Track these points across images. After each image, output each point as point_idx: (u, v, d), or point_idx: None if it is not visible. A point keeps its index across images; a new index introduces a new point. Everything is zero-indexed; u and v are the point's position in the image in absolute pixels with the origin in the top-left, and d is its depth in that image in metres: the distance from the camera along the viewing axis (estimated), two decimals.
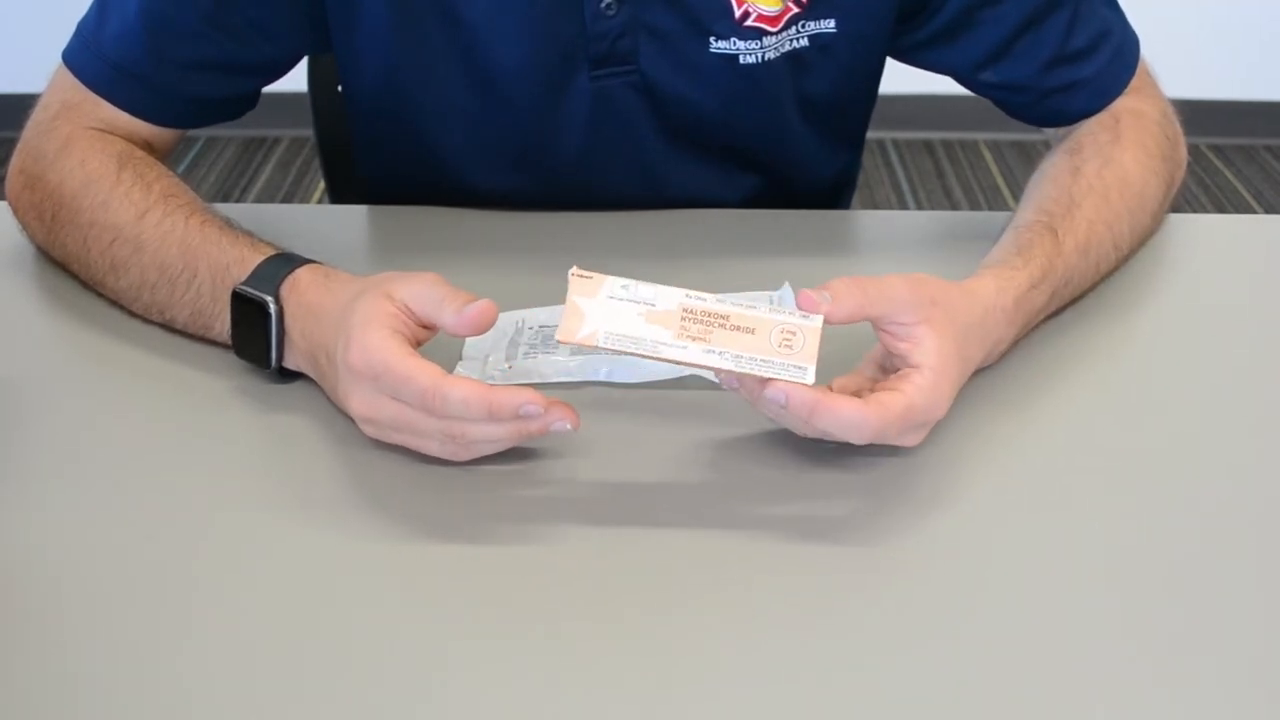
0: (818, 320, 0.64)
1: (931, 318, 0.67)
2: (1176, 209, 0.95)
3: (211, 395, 0.75)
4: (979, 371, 0.75)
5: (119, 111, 0.88)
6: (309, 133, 1.25)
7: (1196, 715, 0.55)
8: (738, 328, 0.64)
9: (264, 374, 0.75)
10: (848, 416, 0.64)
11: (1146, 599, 0.61)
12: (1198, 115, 1.01)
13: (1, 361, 0.79)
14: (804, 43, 0.91)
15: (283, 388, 0.75)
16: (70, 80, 0.89)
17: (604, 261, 0.90)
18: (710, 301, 0.64)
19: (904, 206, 2.74)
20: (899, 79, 1.11)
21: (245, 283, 0.74)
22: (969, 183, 2.84)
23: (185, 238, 0.79)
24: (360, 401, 0.67)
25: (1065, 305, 0.83)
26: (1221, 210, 2.67)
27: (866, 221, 1.03)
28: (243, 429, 0.73)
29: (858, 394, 0.68)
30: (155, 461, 0.70)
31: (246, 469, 0.70)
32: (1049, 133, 0.99)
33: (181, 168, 2.82)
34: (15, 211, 0.89)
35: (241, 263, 0.76)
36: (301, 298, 0.73)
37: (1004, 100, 0.97)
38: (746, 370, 0.63)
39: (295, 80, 1.19)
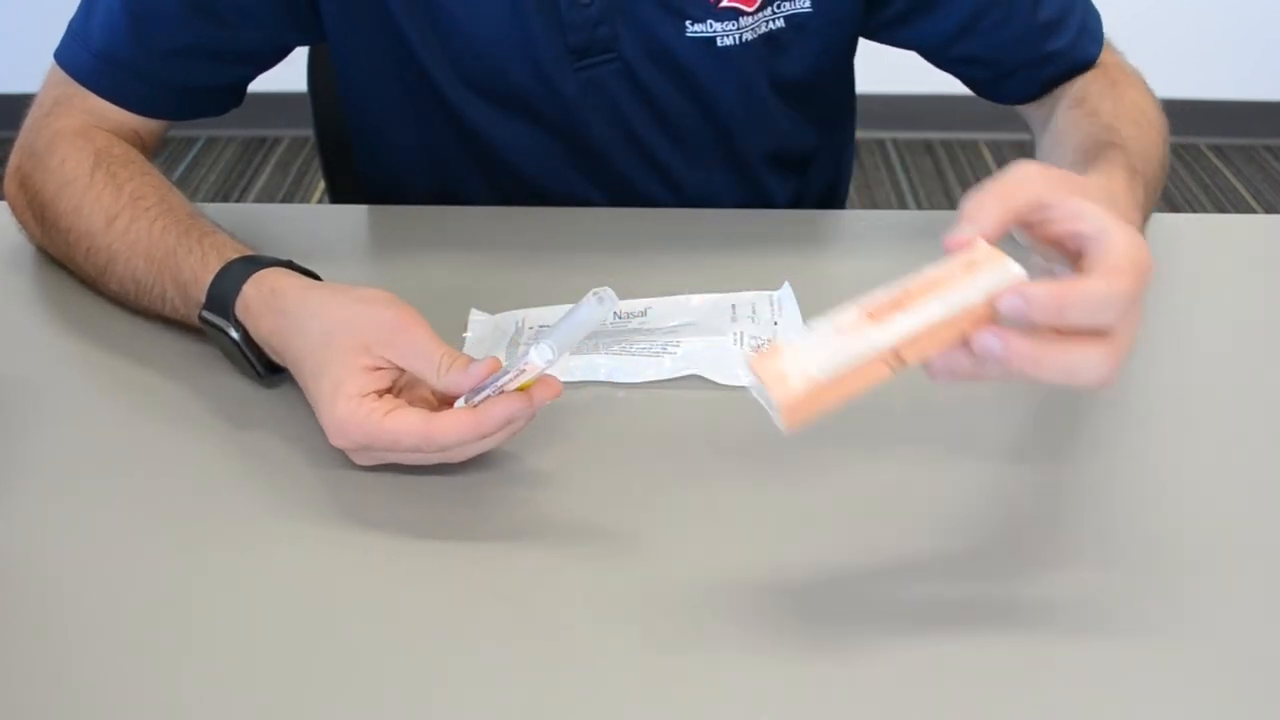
0: (981, 244, 0.55)
1: (1074, 186, 0.60)
2: (1176, 209, 0.95)
3: (212, 394, 0.75)
4: None
5: (105, 103, 0.88)
6: (309, 133, 1.25)
7: (1198, 710, 0.56)
8: (925, 289, 0.55)
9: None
10: (1097, 292, 0.53)
11: (1149, 604, 0.61)
12: (1198, 115, 1.01)
13: (1, 361, 0.79)
14: (780, 23, 0.92)
15: (284, 387, 0.75)
16: (61, 76, 0.89)
17: (604, 259, 0.90)
18: (885, 294, 0.56)
19: (904, 206, 2.74)
20: (899, 79, 1.11)
21: (205, 308, 0.73)
22: (969, 183, 2.84)
23: (149, 249, 0.78)
24: (358, 456, 0.67)
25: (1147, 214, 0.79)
26: (1221, 210, 2.67)
27: (866, 221, 1.03)
28: (245, 427, 0.72)
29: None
30: (156, 461, 0.70)
31: (248, 468, 0.70)
32: (1026, 111, 0.98)
33: (181, 167, 2.83)
34: (14, 211, 0.89)
35: (196, 283, 0.75)
36: (257, 323, 0.71)
37: (975, 76, 0.97)
38: (958, 307, 0.54)
39: (295, 80, 1.20)
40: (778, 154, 1.02)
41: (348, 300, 0.69)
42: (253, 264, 0.73)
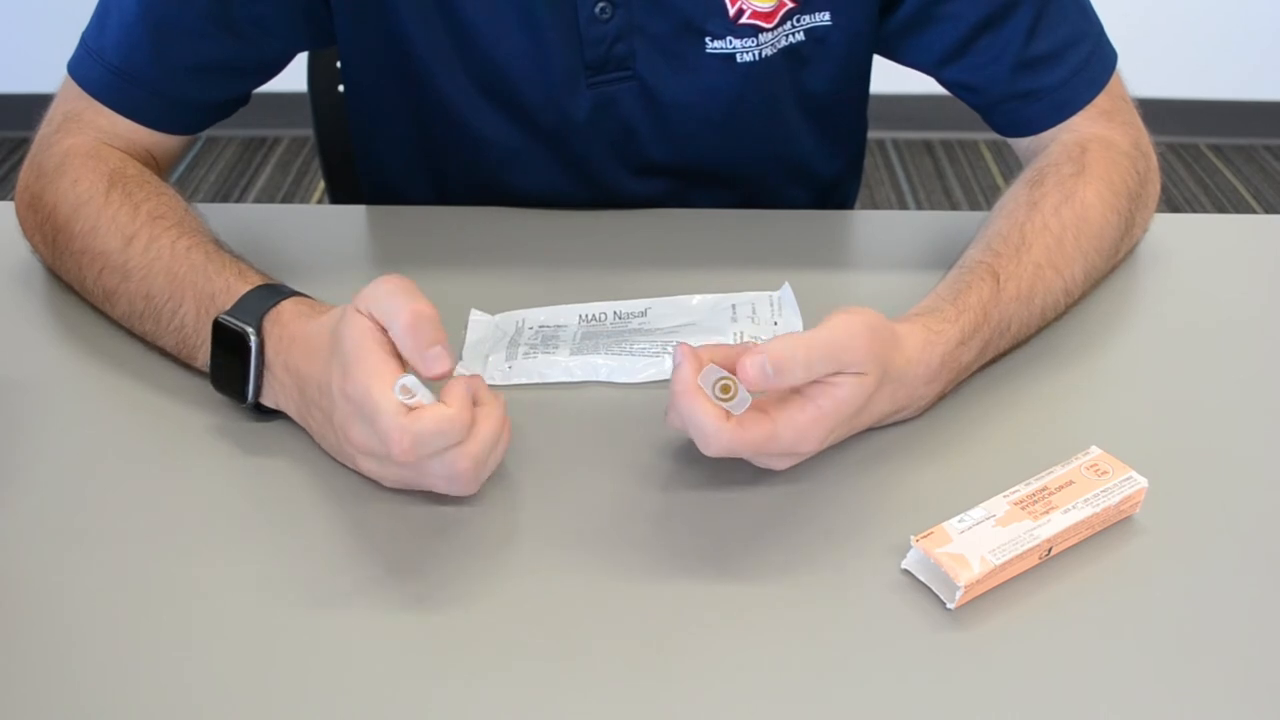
0: (1104, 454, 0.66)
1: (865, 373, 0.65)
2: (1176, 209, 0.95)
3: (214, 397, 0.75)
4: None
5: (119, 119, 0.87)
6: (309, 133, 1.26)
7: (1197, 711, 0.56)
8: (1060, 488, 0.64)
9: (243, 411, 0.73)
10: (700, 421, 0.62)
11: (1148, 605, 0.62)
12: (1198, 115, 1.01)
13: (1, 362, 0.79)
14: (800, 37, 0.92)
15: None
16: (74, 90, 0.87)
17: (604, 259, 0.90)
18: (1024, 488, 0.65)
19: (904, 206, 2.74)
20: (899, 79, 1.11)
21: (228, 313, 0.70)
22: (969, 183, 2.84)
23: (171, 265, 0.76)
24: (361, 434, 0.63)
25: (1004, 353, 0.78)
26: (1221, 210, 2.67)
27: (866, 221, 1.03)
28: (246, 429, 0.72)
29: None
30: (156, 464, 0.70)
31: (247, 471, 0.70)
32: (1016, 146, 0.96)
33: (181, 167, 2.82)
34: (24, 231, 0.87)
35: (227, 292, 0.73)
36: (285, 329, 0.69)
37: (969, 101, 0.96)
38: (1099, 508, 0.63)
39: (295, 80, 1.20)
40: (792, 174, 1.02)
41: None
42: (298, 292, 0.72)
